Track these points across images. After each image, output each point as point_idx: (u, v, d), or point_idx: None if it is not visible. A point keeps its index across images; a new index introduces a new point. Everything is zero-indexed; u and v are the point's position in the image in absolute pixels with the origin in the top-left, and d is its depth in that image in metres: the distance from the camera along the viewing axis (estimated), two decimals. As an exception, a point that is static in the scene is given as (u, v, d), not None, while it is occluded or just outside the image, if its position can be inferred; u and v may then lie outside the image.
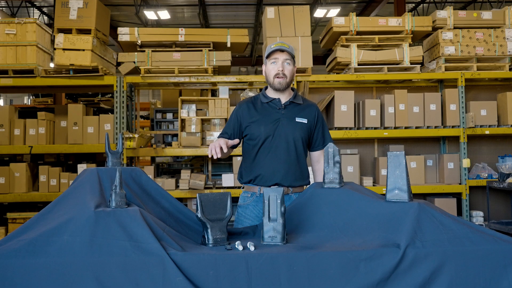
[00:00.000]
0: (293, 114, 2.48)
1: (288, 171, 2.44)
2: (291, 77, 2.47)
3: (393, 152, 1.91)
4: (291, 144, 2.45)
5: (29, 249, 1.55)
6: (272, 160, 2.45)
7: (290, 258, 1.60)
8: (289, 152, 2.45)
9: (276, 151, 2.45)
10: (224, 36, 5.64)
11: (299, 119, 2.48)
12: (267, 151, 2.46)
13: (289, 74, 2.44)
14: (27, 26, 5.40)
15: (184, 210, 2.05)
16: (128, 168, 2.04)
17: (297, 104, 2.52)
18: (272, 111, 2.49)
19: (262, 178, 2.47)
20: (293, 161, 2.46)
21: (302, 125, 2.48)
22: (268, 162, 2.45)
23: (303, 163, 2.50)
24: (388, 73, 5.66)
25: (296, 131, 2.46)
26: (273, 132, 2.45)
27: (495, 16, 5.82)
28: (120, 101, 5.56)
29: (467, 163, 5.56)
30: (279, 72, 2.42)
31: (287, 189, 2.46)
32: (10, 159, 6.28)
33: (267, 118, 2.48)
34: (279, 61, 2.42)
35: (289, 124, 2.46)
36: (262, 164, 2.47)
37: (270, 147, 2.46)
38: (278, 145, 2.44)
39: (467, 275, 1.62)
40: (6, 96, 18.35)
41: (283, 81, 2.43)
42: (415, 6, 12.04)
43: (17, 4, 11.61)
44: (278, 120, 2.47)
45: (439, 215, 1.75)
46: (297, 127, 2.47)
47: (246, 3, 11.71)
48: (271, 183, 2.45)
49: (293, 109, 2.50)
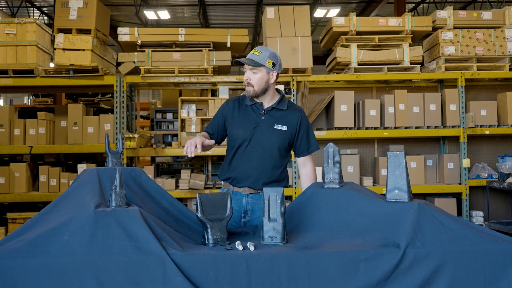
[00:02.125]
0: (273, 121, 2.50)
1: (259, 176, 2.47)
2: (259, 85, 2.46)
3: (393, 152, 1.91)
4: (266, 151, 2.47)
5: (29, 249, 1.55)
6: (245, 164, 2.48)
7: (290, 258, 1.61)
8: (263, 158, 2.47)
9: (250, 156, 2.48)
10: (224, 36, 5.64)
11: (278, 126, 2.48)
12: (242, 155, 2.50)
13: (255, 82, 2.45)
14: (27, 26, 5.39)
15: (184, 210, 2.05)
16: (128, 168, 2.04)
17: (280, 110, 2.52)
18: (253, 115, 2.52)
19: (234, 180, 2.52)
20: (267, 168, 2.47)
21: (280, 132, 2.48)
22: (241, 166, 2.49)
23: (278, 169, 2.51)
24: (388, 73, 5.66)
25: (273, 138, 2.47)
26: (250, 137, 2.48)
27: (495, 16, 5.82)
28: (120, 101, 5.56)
29: (467, 163, 5.56)
30: (245, 81, 2.48)
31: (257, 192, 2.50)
32: (10, 159, 6.28)
33: (247, 122, 2.51)
34: (247, 71, 2.48)
35: (267, 130, 2.48)
36: (236, 166, 2.51)
37: (245, 151, 2.49)
38: (253, 150, 2.47)
39: (467, 275, 1.62)
40: (6, 96, 18.35)
41: (250, 89, 2.47)
42: (415, 6, 12.04)
43: (17, 4, 11.61)
44: (257, 126, 2.49)
45: (439, 215, 1.75)
46: (275, 134, 2.47)
47: (246, 3, 11.71)
48: (242, 185, 2.50)
49: (274, 115, 2.51)
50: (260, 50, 2.46)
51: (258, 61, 2.42)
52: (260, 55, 2.44)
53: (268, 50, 2.47)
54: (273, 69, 2.47)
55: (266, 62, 2.43)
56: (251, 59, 2.43)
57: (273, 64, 2.46)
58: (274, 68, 2.47)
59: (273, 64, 2.46)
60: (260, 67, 2.44)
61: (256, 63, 2.42)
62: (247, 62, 2.42)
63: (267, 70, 2.46)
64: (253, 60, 2.42)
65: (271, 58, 2.45)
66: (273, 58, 2.46)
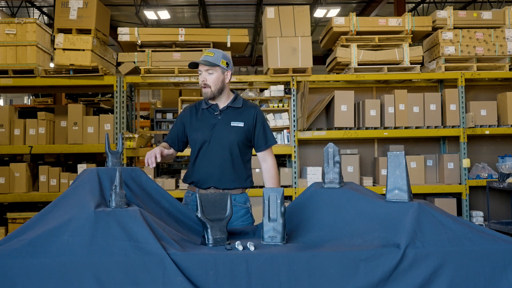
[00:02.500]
0: (229, 119, 2.56)
1: (222, 175, 2.52)
2: (216, 85, 2.52)
3: (393, 152, 1.91)
4: (226, 149, 2.52)
5: (29, 249, 1.55)
6: (208, 164, 2.54)
7: (290, 258, 1.61)
8: (224, 157, 2.52)
9: (211, 156, 2.53)
10: (224, 36, 5.64)
11: (235, 123, 2.55)
12: (203, 157, 2.55)
13: (212, 83, 2.51)
14: (27, 26, 5.39)
15: (184, 210, 2.05)
16: (128, 168, 2.04)
17: (235, 108, 2.59)
18: (210, 116, 2.58)
19: (198, 182, 2.56)
20: (228, 165, 2.53)
21: (237, 129, 2.54)
22: (204, 167, 2.54)
23: (240, 166, 2.56)
24: (388, 73, 5.66)
25: (232, 135, 2.53)
26: (209, 138, 2.53)
27: (495, 16, 5.82)
28: (120, 101, 5.56)
29: (467, 163, 5.56)
30: (201, 82, 2.53)
31: (222, 191, 2.48)
32: (10, 159, 6.28)
33: (204, 124, 2.57)
34: (202, 72, 2.52)
35: (225, 128, 2.54)
36: (199, 168, 2.56)
37: (205, 152, 2.55)
38: (213, 150, 2.53)
39: (467, 275, 1.62)
40: (6, 96, 18.34)
41: (207, 90, 2.52)
42: (415, 6, 12.04)
43: (17, 4, 11.61)
44: (214, 126, 2.55)
45: (439, 215, 1.75)
46: (233, 131, 2.53)
47: (246, 3, 11.70)
48: (207, 186, 2.54)
49: (230, 114, 2.57)
50: (213, 52, 2.54)
51: (213, 61, 2.49)
52: (214, 56, 2.50)
53: (220, 51, 2.55)
54: (227, 68, 2.55)
55: (221, 62, 2.51)
56: (206, 60, 2.49)
57: (227, 64, 2.54)
58: (228, 67, 2.55)
59: (227, 64, 2.54)
60: (215, 67, 2.50)
61: (211, 63, 2.48)
62: (203, 63, 2.48)
63: (222, 70, 2.53)
64: (208, 61, 2.48)
65: (224, 59, 2.53)
66: (226, 58, 2.55)
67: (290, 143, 5.67)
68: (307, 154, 6.10)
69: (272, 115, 5.75)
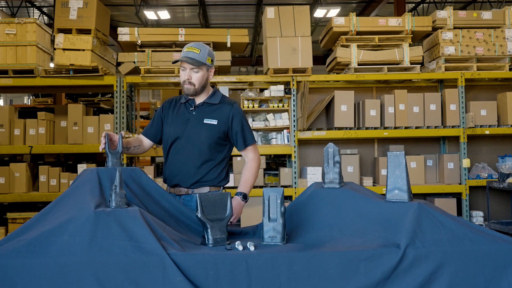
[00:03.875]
0: (203, 115, 2.46)
1: (188, 172, 2.42)
2: (201, 83, 2.43)
3: (393, 152, 1.91)
4: (195, 146, 2.43)
5: (29, 249, 1.55)
6: (176, 161, 2.46)
7: (290, 258, 1.60)
8: (192, 154, 2.43)
9: (180, 153, 2.45)
10: (224, 36, 5.64)
11: (208, 120, 2.44)
12: (173, 153, 2.48)
13: (197, 81, 2.42)
14: (27, 26, 5.39)
15: (184, 210, 2.05)
16: (128, 168, 2.03)
17: (211, 105, 2.49)
18: (185, 112, 2.50)
19: (167, 179, 2.50)
20: (196, 163, 2.42)
21: (210, 126, 2.44)
22: (173, 164, 2.47)
23: (209, 165, 2.46)
24: (388, 73, 5.66)
25: (202, 132, 2.43)
26: (181, 134, 2.45)
27: (495, 16, 5.82)
28: (120, 101, 5.56)
29: (467, 163, 5.56)
30: (186, 80, 2.42)
31: (187, 189, 2.44)
32: (10, 159, 6.28)
33: (178, 118, 2.49)
34: (187, 69, 2.42)
35: (197, 125, 2.45)
36: (168, 164, 2.49)
37: (175, 148, 2.47)
38: (183, 146, 2.45)
39: (467, 275, 1.62)
40: (6, 96, 18.34)
41: (190, 88, 2.42)
42: (415, 6, 12.03)
43: (17, 4, 11.61)
44: (187, 121, 2.46)
45: (439, 215, 1.75)
46: (204, 129, 2.43)
47: (246, 3, 11.70)
48: (172, 184, 2.47)
49: (205, 110, 2.48)
50: (198, 48, 2.41)
51: (200, 59, 2.38)
52: (200, 53, 2.39)
53: (205, 46, 2.44)
54: (211, 65, 2.47)
55: (207, 60, 2.42)
56: (194, 58, 2.37)
57: (212, 61, 2.46)
58: (212, 64, 2.47)
59: (211, 61, 2.46)
60: (201, 66, 2.41)
61: (199, 63, 2.38)
62: (191, 62, 2.36)
63: (207, 67, 2.44)
64: (196, 60, 2.37)
65: (209, 55, 2.44)
66: (211, 55, 2.45)
67: (290, 143, 5.67)
68: (307, 154, 6.09)
69: (272, 115, 5.75)
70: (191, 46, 2.41)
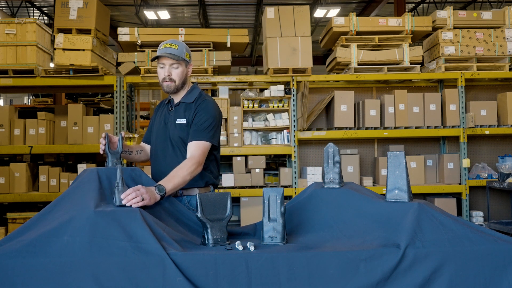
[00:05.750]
0: (176, 116, 2.42)
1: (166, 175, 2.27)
2: (181, 79, 2.40)
3: (393, 152, 1.91)
4: (172, 147, 2.39)
5: (29, 249, 1.55)
6: (155, 164, 2.45)
7: (290, 258, 1.60)
8: (170, 156, 2.39)
9: (160, 155, 2.43)
10: (224, 36, 5.64)
11: (179, 120, 2.40)
12: (155, 155, 2.47)
13: (177, 77, 2.39)
14: (27, 26, 5.39)
15: (184, 210, 2.05)
16: (128, 168, 2.03)
17: (186, 104, 2.44)
18: (165, 113, 2.48)
19: None
20: (174, 164, 2.28)
21: (181, 126, 2.39)
22: (154, 167, 2.45)
23: None
24: (388, 73, 5.66)
25: (175, 133, 2.39)
26: (160, 136, 2.44)
27: (495, 16, 5.82)
28: (120, 101, 5.56)
29: (467, 163, 5.56)
30: (165, 77, 2.39)
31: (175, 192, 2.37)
32: (10, 159, 6.28)
33: (160, 120, 2.48)
34: (166, 66, 2.38)
35: (172, 126, 2.41)
36: (153, 168, 2.47)
37: (155, 151, 2.46)
38: (162, 147, 2.43)
39: (467, 275, 1.62)
40: (6, 96, 18.35)
41: (171, 84, 2.39)
42: (415, 6, 12.04)
43: (17, 4, 11.61)
44: (166, 123, 2.44)
45: (439, 215, 1.75)
46: (177, 129, 2.39)
47: (246, 3, 11.70)
48: None
49: (179, 110, 2.44)
50: (175, 43, 2.37)
51: (179, 54, 2.35)
52: (178, 49, 2.36)
53: (181, 42, 2.42)
54: (190, 61, 2.45)
55: (185, 56, 2.40)
56: (172, 53, 2.33)
57: (189, 57, 2.44)
58: (190, 60, 2.44)
59: (189, 57, 2.44)
60: (181, 61, 2.38)
61: (179, 58, 2.35)
62: (171, 56, 2.32)
63: (186, 63, 2.42)
64: (176, 55, 2.33)
65: (187, 51, 2.42)
66: (188, 50, 2.43)
67: (290, 143, 5.67)
68: (307, 154, 6.10)
69: (272, 115, 5.75)
70: (168, 42, 2.38)
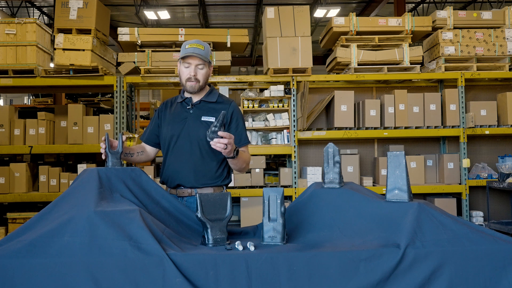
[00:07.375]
0: (200, 113, 2.43)
1: (190, 172, 2.38)
2: (205, 80, 2.43)
3: (393, 152, 1.91)
4: (194, 144, 2.39)
5: (29, 250, 1.55)
6: (176, 161, 2.42)
7: (290, 258, 1.60)
8: (192, 153, 2.39)
9: (179, 152, 2.41)
10: (224, 36, 5.64)
11: (206, 117, 2.41)
12: (172, 153, 2.44)
13: (202, 78, 2.41)
14: (27, 26, 5.39)
15: (184, 210, 2.04)
16: (128, 168, 2.03)
17: (208, 103, 2.46)
18: (182, 110, 2.47)
19: (168, 180, 2.46)
20: (197, 162, 2.37)
21: (208, 124, 2.37)
22: (172, 164, 2.43)
23: (210, 163, 2.41)
24: (388, 73, 5.66)
25: (201, 130, 2.37)
26: (179, 132, 2.42)
27: (495, 16, 5.82)
28: (120, 101, 5.56)
29: (467, 163, 5.56)
30: (191, 77, 2.39)
31: (190, 190, 2.41)
32: (10, 159, 6.28)
33: (175, 118, 2.46)
34: (192, 66, 2.38)
35: (195, 123, 2.41)
36: (168, 165, 2.45)
37: (174, 148, 2.43)
38: (182, 145, 2.41)
39: (467, 275, 1.62)
40: (6, 96, 18.34)
41: (195, 85, 2.40)
42: (415, 6, 12.04)
43: (17, 4, 11.61)
44: (185, 120, 2.43)
45: (439, 215, 1.75)
46: (202, 126, 2.38)
47: (246, 3, 11.71)
48: (174, 185, 2.43)
49: (202, 108, 2.45)
50: (202, 44, 2.39)
51: (205, 55, 2.37)
52: (205, 50, 2.39)
53: (206, 43, 2.44)
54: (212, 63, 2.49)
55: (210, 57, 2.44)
56: (201, 54, 2.35)
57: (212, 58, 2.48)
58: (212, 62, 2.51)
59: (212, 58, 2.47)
60: (206, 62, 2.40)
61: (206, 59, 2.38)
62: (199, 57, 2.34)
63: (209, 64, 2.45)
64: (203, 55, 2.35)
65: (210, 52, 2.46)
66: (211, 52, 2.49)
67: (290, 143, 5.67)
68: (307, 154, 6.10)
69: (272, 115, 5.75)
70: (195, 42, 2.39)
